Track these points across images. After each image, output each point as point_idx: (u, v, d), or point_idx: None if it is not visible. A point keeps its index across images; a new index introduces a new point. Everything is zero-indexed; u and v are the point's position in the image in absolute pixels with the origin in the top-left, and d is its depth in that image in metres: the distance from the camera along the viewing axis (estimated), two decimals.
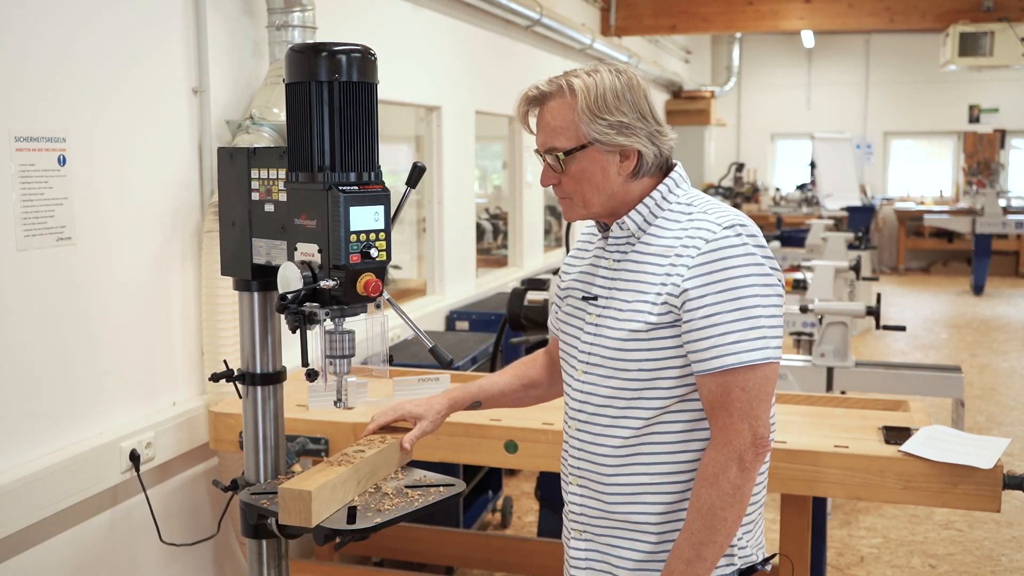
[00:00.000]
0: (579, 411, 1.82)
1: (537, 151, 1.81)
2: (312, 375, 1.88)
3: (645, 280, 1.73)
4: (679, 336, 1.69)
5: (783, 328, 1.70)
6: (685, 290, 1.66)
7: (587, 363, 1.80)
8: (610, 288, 1.79)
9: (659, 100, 11.95)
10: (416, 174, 1.97)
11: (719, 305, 1.63)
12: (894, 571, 4.03)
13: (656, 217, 1.77)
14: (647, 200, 1.77)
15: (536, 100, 1.80)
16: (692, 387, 1.71)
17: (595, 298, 1.81)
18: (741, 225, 1.68)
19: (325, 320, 1.87)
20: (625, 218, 1.78)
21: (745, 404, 1.64)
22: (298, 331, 1.83)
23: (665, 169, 1.80)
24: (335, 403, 1.97)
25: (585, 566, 1.89)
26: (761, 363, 1.64)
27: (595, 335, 1.79)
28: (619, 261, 1.80)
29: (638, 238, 1.78)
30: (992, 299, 11.22)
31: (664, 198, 1.77)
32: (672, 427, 1.74)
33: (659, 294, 1.69)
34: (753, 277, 1.65)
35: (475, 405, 2.13)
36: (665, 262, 1.71)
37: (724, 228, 1.67)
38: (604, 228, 1.85)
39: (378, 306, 1.92)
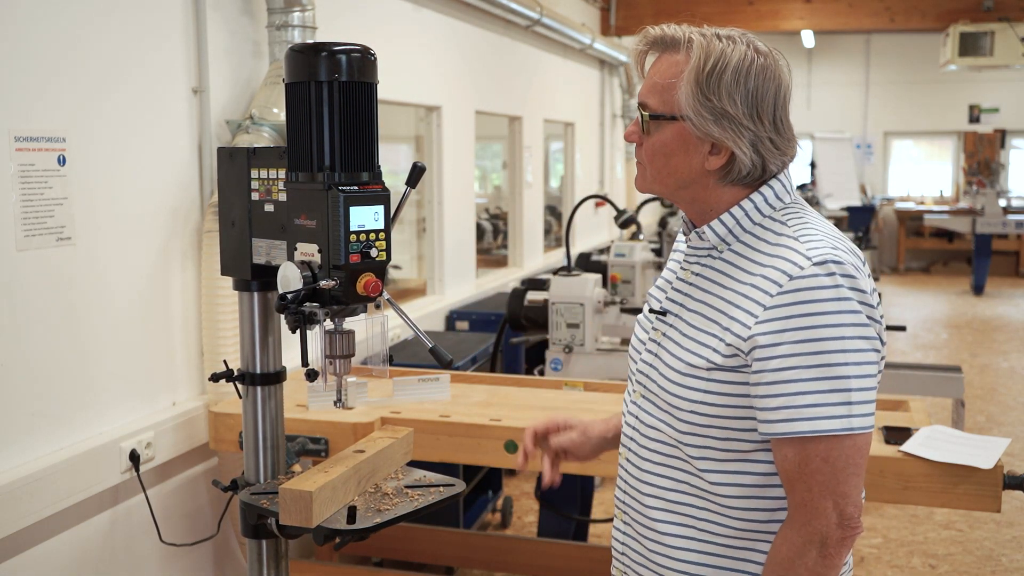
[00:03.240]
0: (631, 439, 1.59)
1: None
2: (312, 375, 1.88)
3: (717, 307, 1.46)
4: (745, 384, 1.40)
5: (876, 390, 1.38)
6: (754, 335, 1.37)
7: (644, 387, 1.56)
8: (680, 305, 1.53)
9: None
10: (416, 174, 1.97)
11: (796, 359, 1.34)
12: (894, 571, 4.03)
13: (745, 232, 1.48)
14: (735, 210, 1.48)
15: (658, 44, 1.51)
16: (760, 445, 1.43)
17: (664, 312, 1.55)
18: (836, 262, 1.36)
19: (325, 320, 1.87)
20: (706, 228, 1.50)
21: (828, 478, 1.35)
22: (298, 331, 1.82)
23: (765, 182, 1.50)
24: (335, 403, 1.97)
25: None
26: (846, 433, 1.34)
27: (655, 355, 1.54)
28: (697, 275, 1.53)
29: (720, 252, 1.50)
30: (992, 299, 11.21)
31: (758, 209, 1.48)
32: (729, 489, 1.45)
33: (728, 330, 1.42)
34: (844, 328, 1.34)
35: (606, 443, 1.83)
36: (741, 291, 1.43)
37: (814, 264, 1.36)
38: (687, 231, 1.58)
39: (378, 306, 1.91)
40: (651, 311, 1.59)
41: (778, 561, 1.40)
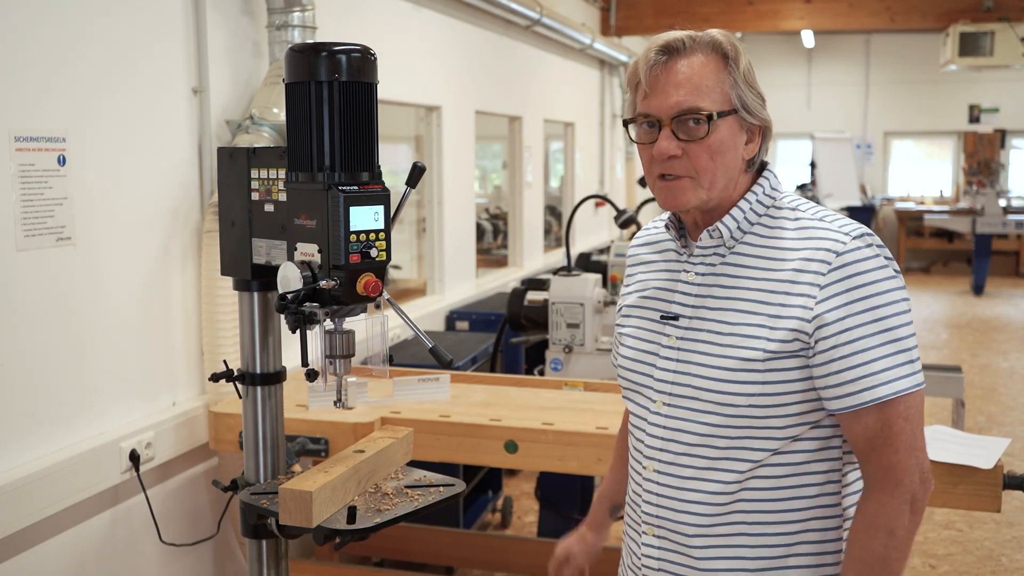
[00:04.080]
0: (662, 451, 1.56)
1: (644, 116, 1.51)
2: (312, 375, 1.88)
3: (752, 299, 1.49)
4: (805, 368, 1.46)
5: None
6: (819, 314, 1.43)
7: (671, 394, 1.55)
8: (697, 307, 1.54)
9: None
10: (416, 174, 1.97)
11: (863, 328, 1.42)
12: None
13: (752, 225, 1.54)
14: (742, 203, 1.53)
15: (677, 51, 1.50)
16: (808, 425, 1.49)
17: (676, 318, 1.56)
18: (868, 234, 1.47)
19: (325, 320, 1.87)
20: (719, 224, 1.53)
21: (909, 436, 1.43)
22: (298, 331, 1.82)
23: (758, 167, 1.57)
24: (335, 403, 1.97)
25: None
26: (915, 390, 1.44)
27: (681, 361, 1.54)
28: (705, 275, 1.55)
29: (730, 248, 1.54)
30: (992, 299, 11.22)
31: (760, 201, 1.54)
32: (780, 470, 1.50)
33: (779, 317, 1.45)
34: (892, 293, 1.44)
35: (615, 510, 1.90)
36: (782, 278, 1.47)
37: (854, 239, 1.45)
38: (678, 231, 1.61)
39: (378, 306, 1.91)
40: (663, 318, 1.58)
41: (876, 526, 1.44)
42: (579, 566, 1.89)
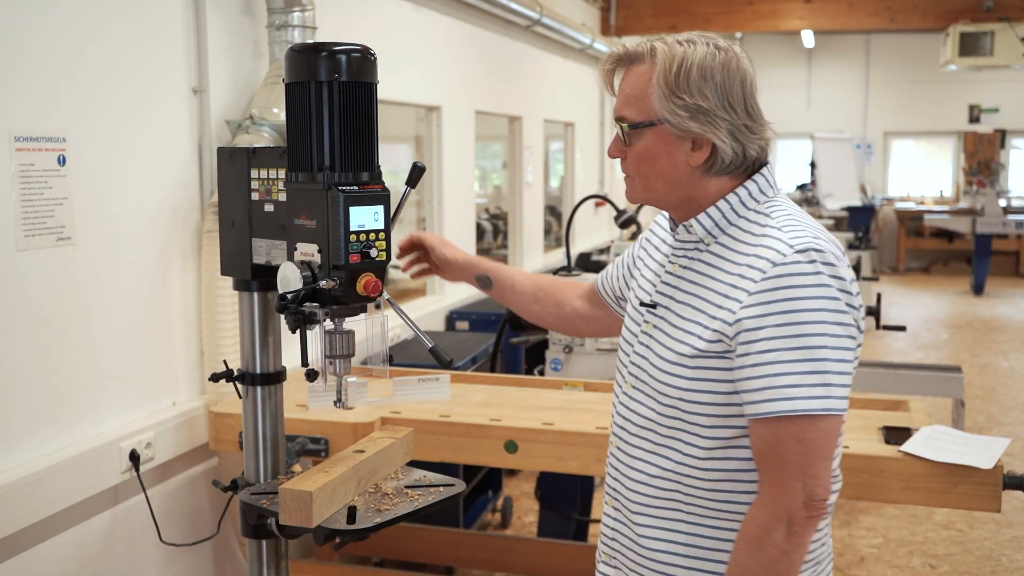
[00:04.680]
0: (621, 428, 1.66)
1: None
2: (312, 375, 1.88)
3: (704, 297, 1.52)
4: (728, 371, 1.47)
5: (852, 375, 1.44)
6: (740, 319, 1.44)
7: (636, 377, 1.62)
8: (669, 297, 1.59)
9: None
10: (416, 174, 1.97)
11: (778, 341, 1.40)
12: (894, 571, 4.03)
13: (731, 224, 1.55)
14: (721, 203, 1.54)
15: (623, 61, 1.58)
16: (740, 431, 1.49)
17: (653, 305, 1.61)
18: (817, 251, 1.43)
19: (325, 320, 1.87)
20: (693, 221, 1.56)
21: (800, 459, 1.40)
22: (298, 331, 1.82)
23: (751, 170, 1.56)
24: (335, 403, 1.97)
25: None
26: (822, 414, 1.40)
27: (645, 347, 1.61)
28: (684, 268, 1.59)
29: (707, 245, 1.56)
30: (992, 299, 11.22)
31: (743, 203, 1.54)
32: (713, 474, 1.52)
33: (713, 318, 1.48)
34: (823, 313, 1.40)
35: (485, 281, 2.02)
36: (728, 281, 1.49)
37: (796, 251, 1.43)
38: (675, 226, 1.64)
39: (378, 306, 1.91)
40: (642, 304, 1.65)
41: (747, 538, 1.46)
42: (427, 244, 2.06)
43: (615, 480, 1.66)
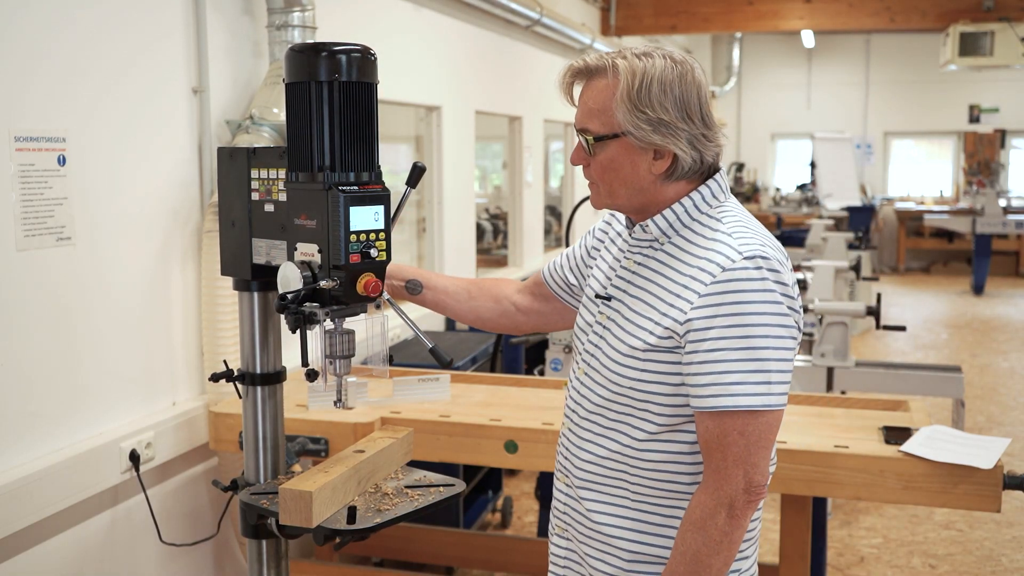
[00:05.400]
0: (573, 411, 1.76)
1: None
2: (312, 375, 1.88)
3: (656, 294, 1.62)
4: (677, 364, 1.58)
5: (791, 373, 1.57)
6: (690, 319, 1.54)
7: (588, 364, 1.72)
8: (623, 292, 1.69)
9: None
10: (416, 174, 1.97)
11: (724, 341, 1.51)
12: (894, 571, 4.03)
13: (684, 227, 1.64)
14: (676, 206, 1.64)
15: (582, 73, 1.68)
16: (686, 418, 1.61)
17: (609, 299, 1.71)
18: (763, 258, 1.54)
19: (325, 320, 1.87)
20: (649, 221, 1.66)
21: (742, 450, 1.53)
22: (298, 331, 1.83)
23: (706, 174, 1.66)
24: (335, 403, 1.97)
25: (564, 565, 1.80)
26: (762, 409, 1.52)
27: (600, 337, 1.70)
28: (639, 264, 1.68)
29: (661, 244, 1.66)
30: (992, 299, 11.22)
31: (696, 206, 1.64)
32: (658, 456, 1.63)
33: (665, 315, 1.58)
34: (767, 316, 1.51)
35: (414, 286, 2.04)
36: (680, 281, 1.59)
37: (744, 258, 1.53)
38: (631, 224, 1.74)
39: (378, 306, 1.92)
40: (597, 296, 1.74)
41: (692, 521, 1.57)
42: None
43: (565, 460, 1.77)
